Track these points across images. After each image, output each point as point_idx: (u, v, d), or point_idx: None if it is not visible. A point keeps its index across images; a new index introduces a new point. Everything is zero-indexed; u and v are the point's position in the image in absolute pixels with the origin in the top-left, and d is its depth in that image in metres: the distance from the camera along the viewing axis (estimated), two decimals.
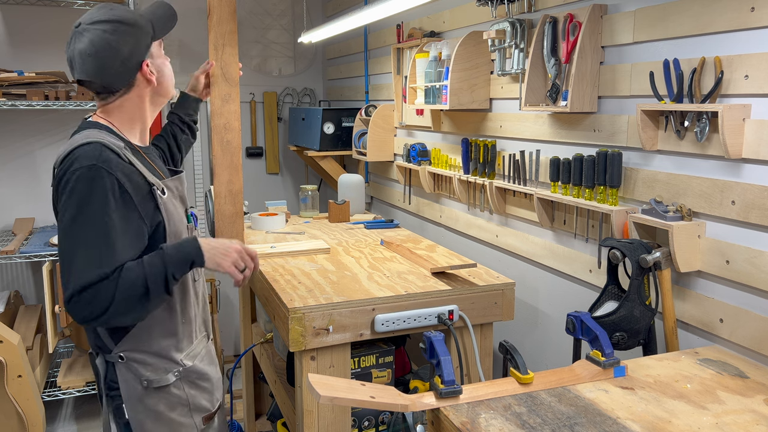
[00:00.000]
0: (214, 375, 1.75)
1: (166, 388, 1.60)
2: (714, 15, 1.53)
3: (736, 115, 1.47)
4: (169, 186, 1.62)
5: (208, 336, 1.79)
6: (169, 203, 1.59)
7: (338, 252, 2.44)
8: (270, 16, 4.36)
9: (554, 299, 2.23)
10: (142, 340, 1.57)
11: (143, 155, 1.62)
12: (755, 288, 1.49)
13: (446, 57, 2.51)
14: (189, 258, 1.52)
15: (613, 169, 1.80)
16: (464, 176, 2.56)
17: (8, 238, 3.54)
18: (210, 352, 1.78)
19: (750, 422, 1.21)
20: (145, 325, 1.56)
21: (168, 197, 1.59)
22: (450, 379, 1.29)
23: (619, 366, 1.41)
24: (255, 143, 4.46)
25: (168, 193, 1.60)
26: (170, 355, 1.61)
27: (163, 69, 1.64)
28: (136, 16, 1.57)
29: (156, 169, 1.64)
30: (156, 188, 1.55)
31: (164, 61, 1.65)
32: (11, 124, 3.76)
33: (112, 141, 1.51)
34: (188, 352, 1.66)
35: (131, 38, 1.54)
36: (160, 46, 1.64)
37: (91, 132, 1.53)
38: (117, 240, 1.43)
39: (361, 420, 2.01)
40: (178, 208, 1.65)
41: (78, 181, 1.43)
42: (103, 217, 1.42)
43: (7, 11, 3.72)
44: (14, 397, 2.86)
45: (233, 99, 2.25)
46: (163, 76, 1.64)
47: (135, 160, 1.53)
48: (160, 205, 1.55)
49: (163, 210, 1.56)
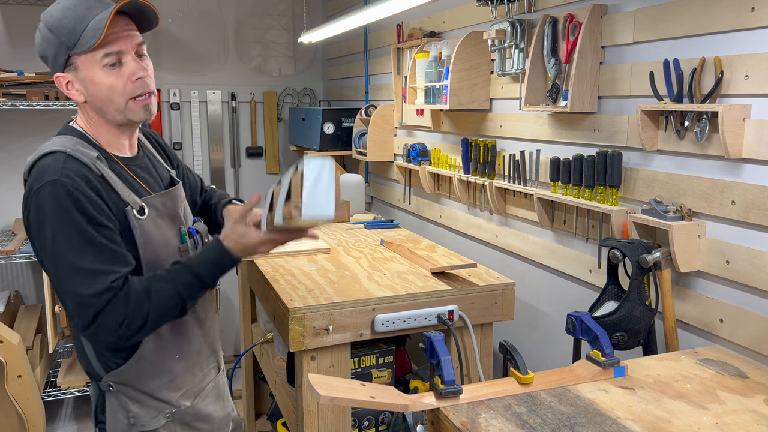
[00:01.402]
0: (218, 414, 1.62)
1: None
2: (714, 15, 1.53)
3: (736, 115, 1.47)
4: (152, 204, 1.45)
5: (218, 367, 1.66)
6: (148, 225, 1.42)
7: (338, 252, 2.44)
8: (270, 16, 4.36)
9: (554, 299, 2.23)
10: (131, 376, 1.45)
11: (123, 167, 1.45)
12: (755, 288, 1.49)
13: (446, 57, 2.51)
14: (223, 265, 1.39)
15: (613, 169, 1.80)
16: (464, 176, 2.56)
17: (8, 238, 3.54)
18: (218, 387, 1.65)
19: (750, 422, 1.21)
20: (133, 363, 1.44)
21: (149, 217, 1.43)
22: (450, 379, 1.29)
23: (619, 366, 1.41)
24: (255, 143, 4.46)
25: (151, 212, 1.43)
26: (162, 396, 1.48)
27: (97, 82, 1.36)
28: (59, 20, 1.34)
29: (139, 182, 1.47)
30: (132, 207, 1.39)
31: (103, 74, 1.36)
32: (11, 124, 3.77)
33: (81, 150, 1.36)
34: (188, 389, 1.53)
35: (50, 47, 1.36)
36: (93, 59, 1.35)
37: (61, 139, 1.40)
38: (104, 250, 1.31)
39: (361, 420, 2.01)
40: (164, 229, 1.47)
41: (45, 199, 1.30)
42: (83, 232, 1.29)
43: (7, 11, 3.72)
44: (14, 397, 2.86)
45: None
46: (97, 91, 1.37)
47: (109, 174, 1.38)
48: (134, 228, 1.38)
49: (137, 233, 1.39)
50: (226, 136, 4.38)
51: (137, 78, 1.38)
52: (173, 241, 1.50)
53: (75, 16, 1.33)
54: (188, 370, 1.54)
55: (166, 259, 1.46)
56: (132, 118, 1.42)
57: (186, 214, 1.60)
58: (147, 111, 1.43)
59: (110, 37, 1.34)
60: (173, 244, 1.50)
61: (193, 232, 1.59)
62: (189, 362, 1.54)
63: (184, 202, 1.61)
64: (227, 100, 4.34)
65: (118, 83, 1.37)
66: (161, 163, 1.64)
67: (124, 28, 1.37)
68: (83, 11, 1.33)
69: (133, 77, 1.38)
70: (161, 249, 1.45)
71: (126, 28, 1.38)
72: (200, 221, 1.69)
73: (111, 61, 1.35)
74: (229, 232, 1.41)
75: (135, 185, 1.45)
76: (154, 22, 1.43)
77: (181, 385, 1.52)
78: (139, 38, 1.41)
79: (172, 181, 1.62)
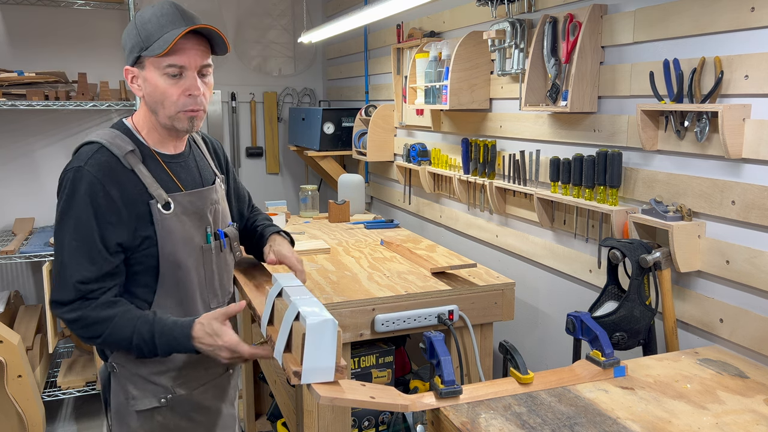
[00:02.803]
0: (217, 408, 1.64)
1: (149, 413, 1.53)
2: (714, 15, 1.53)
3: (736, 115, 1.47)
4: (179, 200, 1.53)
5: (227, 367, 1.67)
6: (171, 219, 1.50)
7: (338, 252, 2.44)
8: (270, 16, 4.36)
9: (554, 299, 2.23)
10: (129, 358, 1.52)
11: (161, 162, 1.55)
12: (755, 288, 1.49)
13: (446, 57, 2.51)
14: (178, 347, 1.44)
15: (613, 169, 1.80)
16: (464, 176, 2.56)
17: (8, 238, 3.54)
18: (222, 387, 1.67)
19: (750, 422, 1.21)
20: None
21: (173, 213, 1.51)
22: (450, 379, 1.29)
23: (619, 366, 1.41)
24: (255, 143, 4.46)
25: (177, 207, 1.52)
26: (157, 380, 1.53)
27: (156, 86, 1.46)
28: (145, 23, 1.46)
29: (174, 179, 1.55)
30: (157, 201, 1.48)
31: (162, 81, 1.45)
32: (11, 124, 3.76)
33: (118, 143, 1.47)
34: (186, 380, 1.57)
35: (130, 41, 1.49)
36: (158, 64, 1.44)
37: (105, 131, 1.51)
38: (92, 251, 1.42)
39: (361, 420, 2.01)
40: (188, 226, 1.54)
41: (66, 183, 1.44)
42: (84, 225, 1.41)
43: (7, 11, 3.72)
44: (14, 397, 2.86)
45: None
46: (153, 93, 1.47)
47: (140, 168, 1.48)
48: (156, 221, 1.47)
49: (158, 226, 1.48)
50: (226, 136, 4.38)
51: (190, 94, 1.47)
52: (197, 239, 1.57)
53: (158, 24, 1.44)
54: (192, 364, 1.57)
55: (185, 255, 1.53)
56: (177, 126, 1.51)
57: (217, 215, 1.65)
58: (191, 123, 1.51)
59: (178, 51, 1.44)
60: (196, 242, 1.57)
61: (221, 234, 1.65)
62: (192, 357, 1.56)
63: (217, 204, 1.66)
64: (227, 100, 4.34)
65: (173, 92, 1.46)
66: (208, 166, 1.71)
67: (195, 46, 1.46)
68: (166, 22, 1.44)
69: (187, 92, 1.47)
70: (180, 245, 1.52)
71: (197, 47, 1.47)
72: (234, 226, 1.74)
73: (173, 72, 1.45)
74: (205, 323, 1.44)
75: (167, 181, 1.53)
76: (224, 49, 1.51)
77: (180, 375, 1.56)
78: (207, 60, 1.50)
79: (213, 183, 1.68)
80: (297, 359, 1.24)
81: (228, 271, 1.72)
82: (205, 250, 1.59)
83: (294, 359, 1.26)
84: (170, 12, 1.46)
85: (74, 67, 3.74)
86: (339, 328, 1.22)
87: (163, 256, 1.49)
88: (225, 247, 1.67)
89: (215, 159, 1.78)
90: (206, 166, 1.69)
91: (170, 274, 1.52)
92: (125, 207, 1.45)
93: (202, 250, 1.58)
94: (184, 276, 1.55)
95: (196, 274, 1.58)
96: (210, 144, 1.79)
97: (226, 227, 1.69)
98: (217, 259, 1.64)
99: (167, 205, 1.50)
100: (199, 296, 1.60)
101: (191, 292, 1.57)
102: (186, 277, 1.55)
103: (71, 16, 3.82)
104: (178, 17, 1.46)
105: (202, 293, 1.61)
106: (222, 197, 1.70)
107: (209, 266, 1.61)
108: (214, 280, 1.64)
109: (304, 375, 1.20)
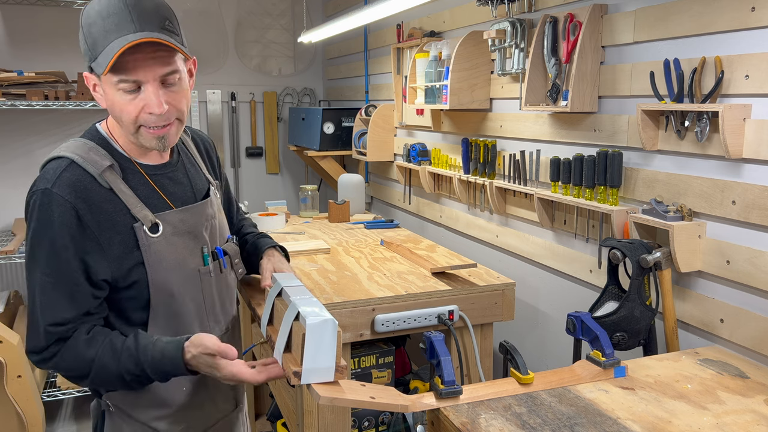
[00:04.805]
0: None
1: None
2: (714, 15, 1.53)
3: (736, 115, 1.47)
4: (169, 220, 1.32)
5: (235, 403, 1.53)
6: (160, 243, 1.30)
7: (338, 252, 2.44)
8: (270, 16, 4.36)
9: (554, 299, 2.23)
10: (128, 402, 1.35)
11: (145, 176, 1.33)
12: (756, 288, 1.49)
13: (446, 57, 2.51)
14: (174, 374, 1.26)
15: (613, 169, 1.80)
16: (464, 176, 2.56)
17: (8, 238, 3.54)
18: (230, 425, 1.51)
19: (750, 422, 1.21)
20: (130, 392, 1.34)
21: (162, 235, 1.30)
22: (450, 379, 1.29)
23: (620, 366, 1.41)
24: (255, 143, 4.46)
25: (166, 229, 1.31)
26: (159, 427, 1.37)
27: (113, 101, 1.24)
28: (89, 26, 1.20)
29: (161, 195, 1.34)
30: (142, 224, 1.27)
31: (118, 97, 1.22)
32: (11, 124, 3.76)
33: (92, 159, 1.26)
34: (191, 424, 1.41)
35: (81, 45, 1.24)
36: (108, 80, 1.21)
37: (76, 143, 1.29)
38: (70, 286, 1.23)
39: (361, 420, 2.00)
40: (180, 249, 1.34)
41: (33, 208, 1.23)
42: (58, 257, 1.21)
43: (7, 11, 3.72)
44: (14, 397, 2.86)
45: None
46: (112, 108, 1.26)
47: (119, 187, 1.27)
48: (142, 246, 1.27)
49: (146, 252, 1.27)
50: (225, 136, 4.38)
51: (149, 112, 1.24)
52: (191, 262, 1.36)
53: (102, 28, 1.19)
54: (196, 404, 1.42)
55: (179, 282, 1.34)
56: (144, 144, 1.29)
57: (214, 232, 1.45)
58: (161, 142, 1.28)
59: (129, 63, 1.19)
60: (190, 266, 1.36)
61: (220, 253, 1.44)
62: (198, 396, 1.42)
63: (213, 220, 1.45)
64: (227, 99, 4.34)
65: (131, 110, 1.23)
66: (201, 173, 1.49)
67: (152, 54, 1.20)
68: (111, 26, 1.18)
69: (147, 110, 1.23)
70: (173, 272, 1.33)
71: (155, 54, 1.20)
72: (233, 240, 1.54)
73: (128, 87, 1.21)
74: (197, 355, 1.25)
75: (153, 198, 1.32)
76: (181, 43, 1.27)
77: (184, 419, 1.41)
78: (169, 67, 1.23)
79: (207, 194, 1.46)
80: (297, 359, 1.24)
81: (230, 293, 1.54)
82: (202, 274, 1.39)
83: (294, 359, 1.26)
84: (117, 11, 1.18)
85: (74, 67, 3.73)
86: (339, 328, 1.22)
87: (153, 285, 1.29)
88: (225, 267, 1.46)
89: (208, 162, 1.56)
90: (198, 174, 1.47)
91: (163, 305, 1.33)
92: (105, 233, 1.24)
93: (200, 274, 1.38)
94: (179, 307, 1.36)
95: (193, 302, 1.39)
96: (201, 144, 1.56)
97: (225, 243, 1.49)
98: (217, 281, 1.45)
99: (155, 227, 1.29)
100: (198, 326, 1.41)
101: (188, 324, 1.39)
102: (181, 308, 1.36)
103: (71, 16, 3.82)
104: (126, 18, 1.17)
105: (202, 322, 1.43)
106: (218, 209, 1.50)
107: (208, 291, 1.42)
108: (215, 306, 1.46)
109: (304, 375, 1.20)
